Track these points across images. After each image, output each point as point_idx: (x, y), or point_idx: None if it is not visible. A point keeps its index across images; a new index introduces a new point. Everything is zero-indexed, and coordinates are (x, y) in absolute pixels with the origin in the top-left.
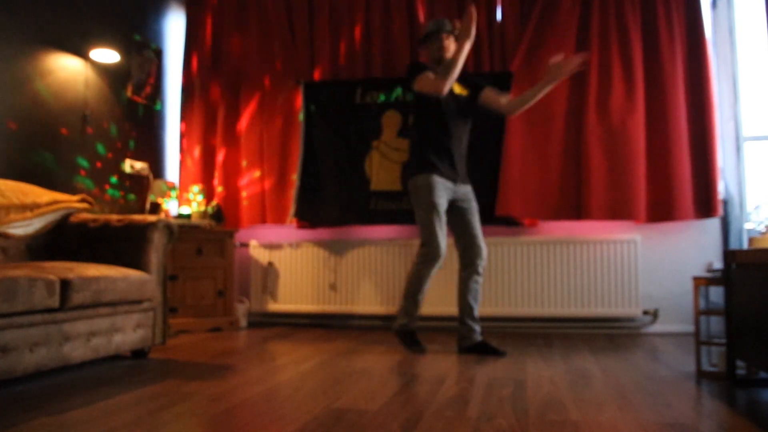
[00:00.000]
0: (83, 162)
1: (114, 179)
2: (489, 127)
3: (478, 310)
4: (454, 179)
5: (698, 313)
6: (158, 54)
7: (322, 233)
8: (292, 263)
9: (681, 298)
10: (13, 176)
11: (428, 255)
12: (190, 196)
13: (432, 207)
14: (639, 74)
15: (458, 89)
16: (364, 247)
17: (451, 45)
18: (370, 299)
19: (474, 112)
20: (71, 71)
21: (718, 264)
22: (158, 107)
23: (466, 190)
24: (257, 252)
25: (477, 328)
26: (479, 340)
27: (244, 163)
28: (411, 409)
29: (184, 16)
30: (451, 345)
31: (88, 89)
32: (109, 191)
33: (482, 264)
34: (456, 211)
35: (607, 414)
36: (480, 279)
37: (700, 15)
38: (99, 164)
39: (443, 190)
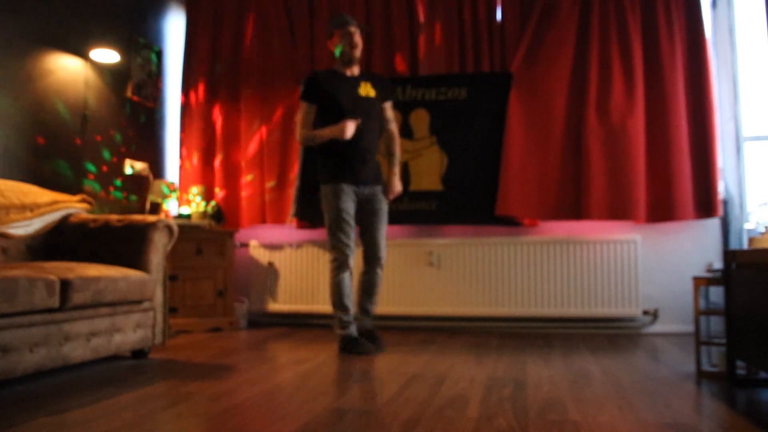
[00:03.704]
0: (83, 162)
1: (114, 179)
2: (489, 127)
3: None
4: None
5: (698, 313)
6: (158, 54)
7: (322, 233)
8: (292, 263)
9: (681, 298)
10: (13, 176)
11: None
12: (190, 196)
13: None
14: (639, 74)
15: (366, 90)
16: None
17: (360, 41)
18: None
19: (381, 116)
20: (71, 71)
21: (718, 264)
22: (158, 107)
23: (374, 191)
24: (257, 252)
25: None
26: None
27: (243, 163)
28: (411, 409)
29: (184, 16)
30: (450, 345)
31: (88, 89)
32: (110, 191)
33: None
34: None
35: (607, 414)
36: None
37: (700, 15)
38: (99, 165)
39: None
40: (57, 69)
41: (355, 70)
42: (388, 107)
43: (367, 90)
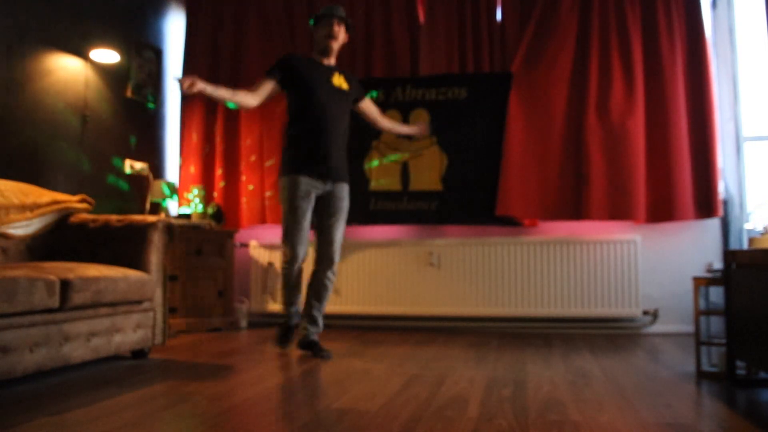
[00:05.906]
0: (83, 162)
1: (114, 180)
2: (489, 127)
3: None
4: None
5: (698, 313)
6: (158, 54)
7: None
8: None
9: (681, 298)
10: (13, 177)
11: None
12: (190, 196)
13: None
14: (639, 74)
15: (339, 81)
16: (364, 248)
17: (341, 33)
18: (370, 299)
19: (352, 111)
20: (71, 71)
21: (718, 264)
22: (158, 107)
23: (335, 188)
24: (257, 252)
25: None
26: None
27: (243, 163)
28: (411, 409)
29: (184, 16)
30: (450, 345)
31: (88, 89)
32: (109, 191)
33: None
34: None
35: (607, 414)
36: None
37: (700, 15)
38: (99, 164)
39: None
40: (57, 69)
41: (332, 61)
42: (369, 102)
43: (340, 81)
